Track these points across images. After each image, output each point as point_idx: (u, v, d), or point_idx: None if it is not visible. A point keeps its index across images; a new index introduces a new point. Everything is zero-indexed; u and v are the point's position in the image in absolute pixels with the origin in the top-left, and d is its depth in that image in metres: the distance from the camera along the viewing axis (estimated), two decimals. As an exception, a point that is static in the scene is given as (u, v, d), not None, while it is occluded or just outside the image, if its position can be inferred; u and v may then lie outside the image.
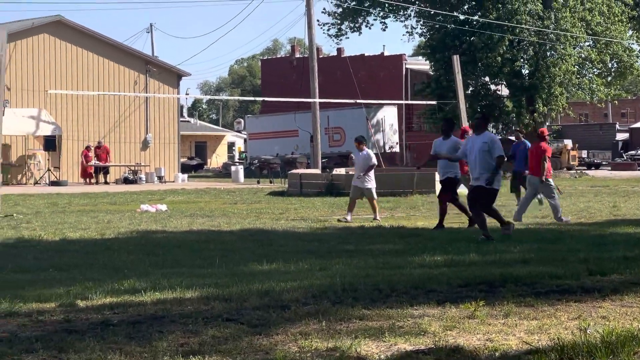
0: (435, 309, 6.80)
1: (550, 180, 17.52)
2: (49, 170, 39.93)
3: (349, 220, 17.72)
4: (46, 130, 39.71)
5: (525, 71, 47.46)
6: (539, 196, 19.46)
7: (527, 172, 20.88)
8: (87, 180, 40.65)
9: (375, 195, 18.54)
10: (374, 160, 18.88)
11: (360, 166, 18.50)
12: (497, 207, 14.07)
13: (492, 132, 51.95)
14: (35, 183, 39.49)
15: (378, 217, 18.21)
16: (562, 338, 5.52)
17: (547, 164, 17.36)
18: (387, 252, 11.69)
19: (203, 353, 5.38)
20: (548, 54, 45.57)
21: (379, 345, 5.59)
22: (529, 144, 21.88)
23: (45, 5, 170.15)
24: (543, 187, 17.38)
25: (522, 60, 46.46)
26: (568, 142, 55.27)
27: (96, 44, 43.34)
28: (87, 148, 40.71)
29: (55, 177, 39.61)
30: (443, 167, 15.97)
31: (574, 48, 45.85)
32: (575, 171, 49.53)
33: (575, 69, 45.98)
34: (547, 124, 49.97)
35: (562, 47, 44.61)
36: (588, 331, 5.75)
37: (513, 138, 50.46)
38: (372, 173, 18.62)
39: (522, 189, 22.07)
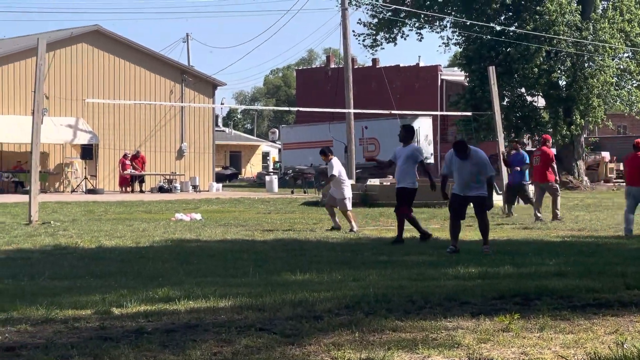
0: (469, 321, 6.75)
1: None
2: (85, 178, 40.28)
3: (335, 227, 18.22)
4: (83, 138, 40.08)
5: (562, 82, 47.09)
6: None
7: (527, 182, 21.39)
8: (123, 188, 40.95)
9: (346, 207, 18.24)
10: (332, 172, 18.65)
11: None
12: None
13: (528, 144, 51.66)
14: (72, 191, 39.85)
15: (355, 229, 17.96)
16: (599, 352, 5.46)
17: None
18: (421, 264, 11.64)
19: (236, 362, 5.38)
20: (586, 65, 45.20)
21: (412, 357, 5.56)
22: (527, 156, 22.09)
23: (84, 15, 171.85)
24: None
25: (559, 71, 46.12)
26: (606, 155, 54.74)
27: (133, 53, 43.71)
28: (124, 156, 41.03)
29: (92, 185, 39.95)
30: (398, 176, 15.63)
31: (613, 59, 45.43)
32: (613, 184, 49.05)
33: (614, 80, 45.56)
34: (584, 136, 49.56)
35: (600, 58, 44.23)
36: (625, 346, 5.68)
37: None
38: (339, 184, 18.47)
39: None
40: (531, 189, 22.29)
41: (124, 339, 6.16)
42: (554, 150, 21.16)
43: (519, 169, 22.07)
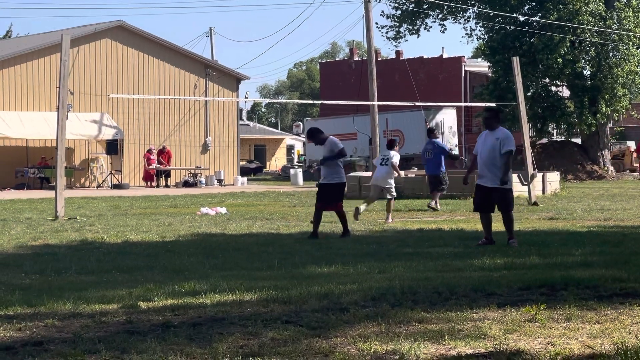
0: (495, 312, 6.74)
1: None
2: (111, 173, 40.52)
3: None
4: (108, 134, 40.30)
5: (587, 72, 46.78)
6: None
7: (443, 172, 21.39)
8: (148, 183, 41.13)
9: (394, 195, 18.93)
10: (397, 161, 19.20)
11: None
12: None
13: (554, 134, 51.40)
14: (98, 186, 40.10)
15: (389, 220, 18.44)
16: (626, 342, 5.44)
17: None
18: (447, 255, 11.62)
19: (262, 355, 5.40)
20: (610, 54, 44.87)
21: (438, 348, 5.56)
22: (440, 144, 22.10)
23: (107, 10, 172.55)
24: None
25: (583, 61, 45.81)
26: (631, 144, 54.37)
27: (157, 48, 43.87)
28: (149, 151, 41.20)
29: (117, 180, 40.16)
30: (325, 172, 15.64)
31: (637, 48, 45.08)
32: (639, 173, 48.72)
33: (639, 69, 45.21)
34: (609, 125, 49.23)
35: (625, 47, 43.90)
36: (652, 336, 5.66)
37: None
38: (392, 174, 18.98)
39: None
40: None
41: (150, 333, 6.19)
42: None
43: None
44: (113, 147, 40.27)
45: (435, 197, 21.82)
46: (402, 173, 19.08)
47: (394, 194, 18.97)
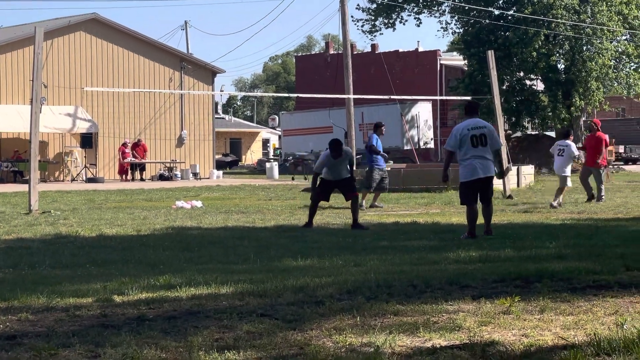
0: (470, 304, 6.77)
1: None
2: (85, 167, 40.31)
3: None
4: (83, 127, 40.07)
5: (561, 66, 47.08)
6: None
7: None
8: (123, 177, 40.96)
9: (567, 184, 20.04)
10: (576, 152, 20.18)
11: None
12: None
13: (528, 127, 51.65)
14: (72, 180, 39.87)
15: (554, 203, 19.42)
16: (599, 334, 5.48)
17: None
18: (422, 248, 11.65)
19: (238, 348, 5.40)
20: (584, 48, 45.17)
21: (413, 341, 5.57)
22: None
23: (81, 3, 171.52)
24: None
25: (557, 54, 46.09)
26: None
27: (131, 41, 43.65)
28: (124, 144, 41.02)
29: (92, 173, 39.97)
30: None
31: (611, 42, 45.39)
32: (612, 166, 49.05)
33: (612, 63, 45.55)
34: (583, 118, 49.55)
35: (598, 41, 44.19)
36: (625, 327, 5.70)
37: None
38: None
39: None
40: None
41: (125, 326, 6.18)
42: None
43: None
44: (87, 141, 40.05)
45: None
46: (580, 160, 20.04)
47: (569, 184, 20.13)
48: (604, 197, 20.83)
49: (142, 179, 41.04)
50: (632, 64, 48.01)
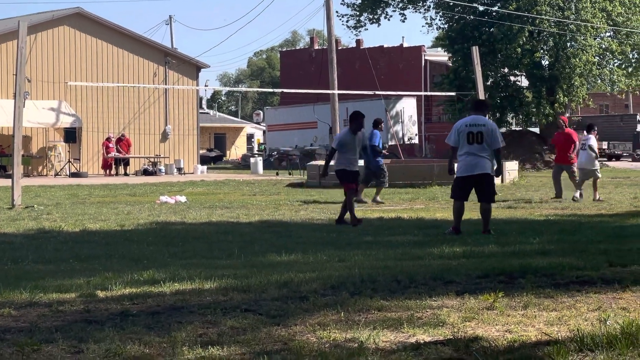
0: (454, 300, 6.78)
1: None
2: (69, 161, 40.14)
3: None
4: (66, 122, 39.89)
5: (545, 62, 47.22)
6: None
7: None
8: (107, 171, 40.83)
9: (598, 176, 20.80)
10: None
11: None
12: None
13: (512, 123, 51.79)
14: (56, 175, 39.70)
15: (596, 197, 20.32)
16: (582, 329, 5.50)
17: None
18: (406, 244, 11.67)
19: (222, 343, 5.39)
20: (568, 44, 45.30)
21: (397, 336, 5.58)
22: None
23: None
24: None
25: (542, 51, 46.22)
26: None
27: (115, 35, 43.49)
28: (108, 139, 40.89)
29: (76, 168, 39.82)
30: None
31: (595, 39, 45.54)
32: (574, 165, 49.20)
33: (596, 59, 45.70)
34: (567, 114, 49.72)
35: (582, 37, 44.33)
36: (608, 322, 5.72)
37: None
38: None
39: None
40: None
41: (108, 322, 6.15)
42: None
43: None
44: (71, 135, 39.87)
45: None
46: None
47: (599, 175, 20.97)
48: (582, 192, 20.79)
49: (126, 174, 40.92)
50: (616, 61, 48.19)
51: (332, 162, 15.91)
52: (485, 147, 12.89)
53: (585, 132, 21.29)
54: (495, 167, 13.07)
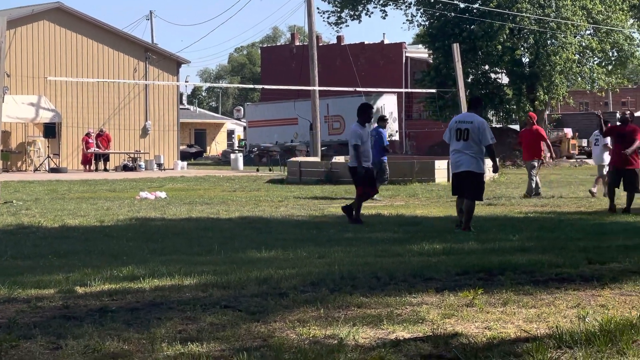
0: (433, 297, 6.79)
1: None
2: (48, 157, 39.94)
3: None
4: (46, 117, 39.68)
5: (525, 60, 47.36)
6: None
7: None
8: (87, 167, 40.64)
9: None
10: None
11: None
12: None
13: (493, 120, 51.95)
14: (35, 170, 39.48)
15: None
16: (561, 326, 5.52)
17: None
18: (386, 240, 11.68)
19: (201, 340, 5.38)
20: (549, 42, 45.45)
21: (376, 333, 5.58)
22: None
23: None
24: None
25: (522, 48, 46.35)
26: (568, 131, 55.21)
27: (96, 31, 43.27)
28: (88, 135, 40.69)
29: (55, 164, 39.61)
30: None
31: (575, 37, 45.72)
32: (575, 160, 49.52)
33: (576, 57, 45.88)
34: (547, 112, 49.93)
35: (562, 35, 44.50)
36: (587, 319, 5.75)
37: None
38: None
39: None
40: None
41: (87, 318, 6.13)
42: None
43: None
44: (51, 131, 39.67)
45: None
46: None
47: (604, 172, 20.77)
48: (540, 190, 20.85)
49: (105, 170, 40.74)
50: (596, 59, 48.40)
51: (334, 158, 15.81)
52: (472, 145, 12.88)
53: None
54: (479, 164, 12.98)
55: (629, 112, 18.20)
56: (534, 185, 20.59)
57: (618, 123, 16.99)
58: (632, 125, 16.63)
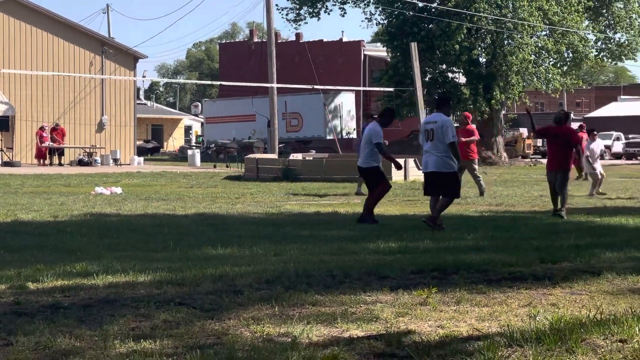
0: (388, 295, 6.82)
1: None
2: (1, 150, 39.46)
3: None
4: (-1, 110, 39.22)
5: (482, 59, 47.73)
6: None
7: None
8: (41, 161, 40.23)
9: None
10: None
11: None
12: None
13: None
14: (-12, 164, 39.00)
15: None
16: (512, 325, 5.58)
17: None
18: (342, 238, 11.70)
19: (154, 337, 5.35)
20: (505, 42, 45.86)
21: (330, 331, 5.59)
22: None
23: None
24: None
25: (479, 48, 46.70)
26: (523, 131, 55.76)
27: (51, 23, 42.83)
28: (42, 128, 40.27)
29: (8, 157, 39.15)
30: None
31: (531, 37, 46.16)
32: (530, 159, 50.01)
33: (532, 58, 46.32)
34: (503, 112, 50.33)
35: (519, 36, 44.91)
36: (537, 318, 5.82)
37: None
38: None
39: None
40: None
41: (39, 314, 6.07)
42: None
43: None
44: (4, 124, 39.22)
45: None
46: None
47: (599, 173, 22.12)
48: (484, 189, 20.88)
49: (60, 164, 40.36)
50: (551, 60, 48.91)
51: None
52: (438, 145, 12.98)
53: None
54: (445, 164, 12.96)
55: (563, 112, 18.05)
56: (483, 184, 20.71)
57: (553, 123, 16.67)
58: (567, 126, 16.52)
